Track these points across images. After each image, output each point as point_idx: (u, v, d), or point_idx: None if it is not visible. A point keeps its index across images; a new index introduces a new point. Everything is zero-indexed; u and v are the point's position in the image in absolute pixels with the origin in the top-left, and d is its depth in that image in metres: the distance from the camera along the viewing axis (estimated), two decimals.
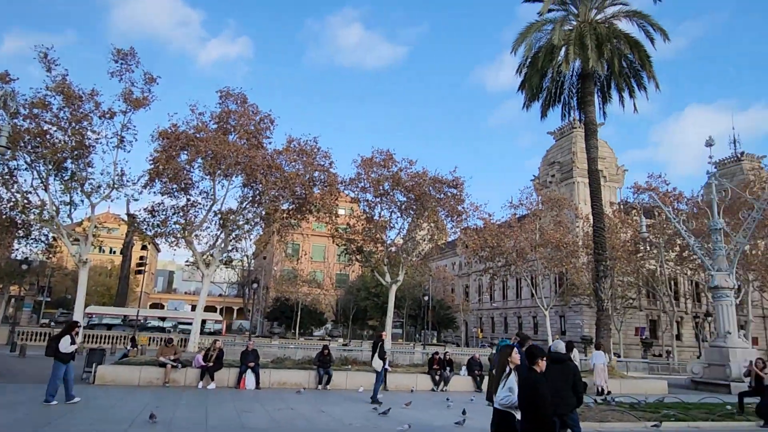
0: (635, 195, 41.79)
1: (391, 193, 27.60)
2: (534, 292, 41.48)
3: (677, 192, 39.53)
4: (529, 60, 27.58)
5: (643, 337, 47.99)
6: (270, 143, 24.02)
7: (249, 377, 15.58)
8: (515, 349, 6.39)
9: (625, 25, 27.01)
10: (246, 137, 22.86)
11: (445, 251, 62.38)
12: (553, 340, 20.70)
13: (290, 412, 11.87)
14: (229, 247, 23.65)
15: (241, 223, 23.83)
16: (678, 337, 50.08)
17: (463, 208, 28.01)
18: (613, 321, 41.75)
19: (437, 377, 17.87)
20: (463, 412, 11.46)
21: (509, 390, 5.73)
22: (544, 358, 5.68)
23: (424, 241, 31.00)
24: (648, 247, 42.53)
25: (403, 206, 27.89)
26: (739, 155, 63.66)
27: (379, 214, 28.63)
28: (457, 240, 39.26)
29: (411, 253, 29.72)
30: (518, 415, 5.60)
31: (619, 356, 38.09)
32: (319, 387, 16.36)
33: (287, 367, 17.61)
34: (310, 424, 10.67)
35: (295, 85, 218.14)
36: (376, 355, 14.23)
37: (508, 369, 6.02)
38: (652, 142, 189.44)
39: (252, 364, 15.69)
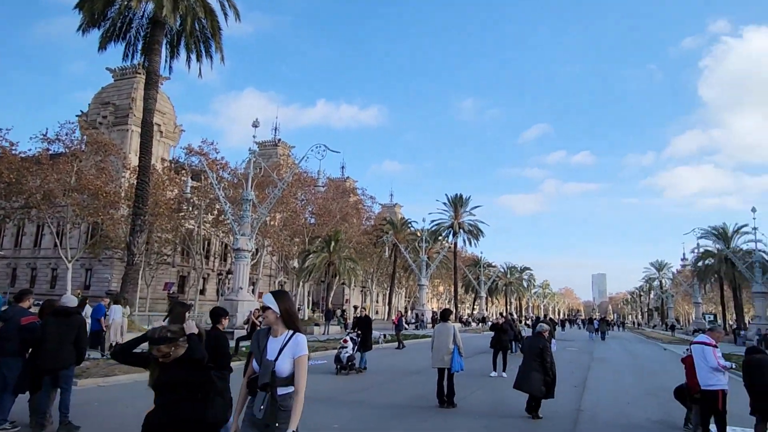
0: (187, 156, 43.10)
1: None
2: (59, 241, 36.69)
3: (224, 161, 43.10)
4: None
5: (171, 291, 50.15)
6: None
7: None
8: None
9: None
10: None
11: None
12: (75, 295, 18.78)
13: None
14: None
15: None
16: (202, 292, 54.91)
17: None
18: (144, 276, 41.76)
19: None
20: None
21: None
22: (227, 317, 6.05)
23: None
24: (190, 208, 44.70)
25: None
26: (276, 141, 75.43)
27: None
28: None
29: None
30: None
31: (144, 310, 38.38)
32: None
33: None
34: None
35: None
36: None
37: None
38: (212, 110, 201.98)
39: None
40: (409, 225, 66.75)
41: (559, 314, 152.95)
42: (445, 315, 10.72)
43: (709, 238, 54.69)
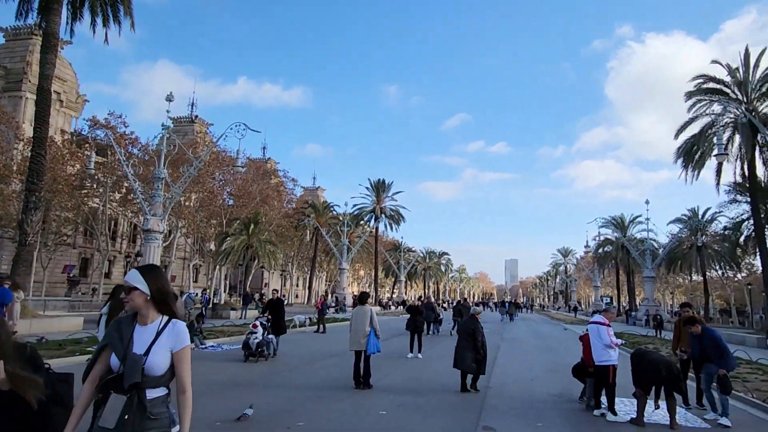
0: (91, 129, 39.88)
1: None
2: None
3: (134, 136, 40.27)
4: None
5: (71, 274, 46.54)
6: None
7: None
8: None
9: None
10: None
11: None
12: None
13: None
14: None
15: None
16: (108, 275, 51.35)
17: None
18: (40, 258, 38.33)
19: None
20: None
21: None
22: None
23: None
24: (94, 185, 41.47)
25: None
26: (193, 117, 71.56)
27: None
28: None
29: None
30: None
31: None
32: None
33: None
34: None
35: None
36: None
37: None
38: (121, 81, 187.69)
39: None
40: (332, 209, 66.42)
41: (473, 297, 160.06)
42: (362, 298, 10.80)
43: (608, 227, 59.54)
